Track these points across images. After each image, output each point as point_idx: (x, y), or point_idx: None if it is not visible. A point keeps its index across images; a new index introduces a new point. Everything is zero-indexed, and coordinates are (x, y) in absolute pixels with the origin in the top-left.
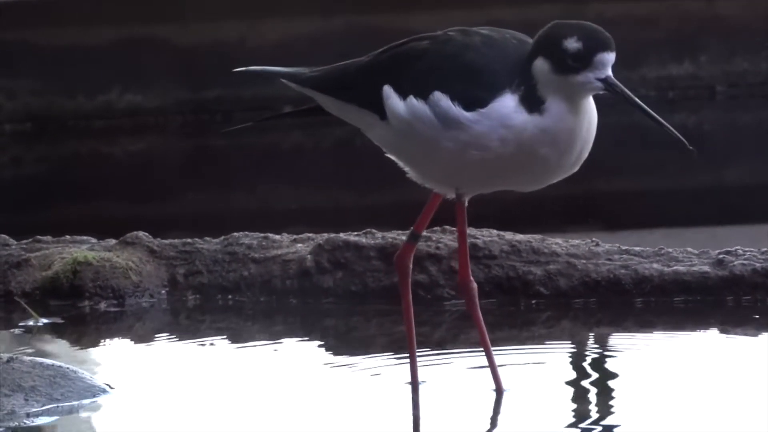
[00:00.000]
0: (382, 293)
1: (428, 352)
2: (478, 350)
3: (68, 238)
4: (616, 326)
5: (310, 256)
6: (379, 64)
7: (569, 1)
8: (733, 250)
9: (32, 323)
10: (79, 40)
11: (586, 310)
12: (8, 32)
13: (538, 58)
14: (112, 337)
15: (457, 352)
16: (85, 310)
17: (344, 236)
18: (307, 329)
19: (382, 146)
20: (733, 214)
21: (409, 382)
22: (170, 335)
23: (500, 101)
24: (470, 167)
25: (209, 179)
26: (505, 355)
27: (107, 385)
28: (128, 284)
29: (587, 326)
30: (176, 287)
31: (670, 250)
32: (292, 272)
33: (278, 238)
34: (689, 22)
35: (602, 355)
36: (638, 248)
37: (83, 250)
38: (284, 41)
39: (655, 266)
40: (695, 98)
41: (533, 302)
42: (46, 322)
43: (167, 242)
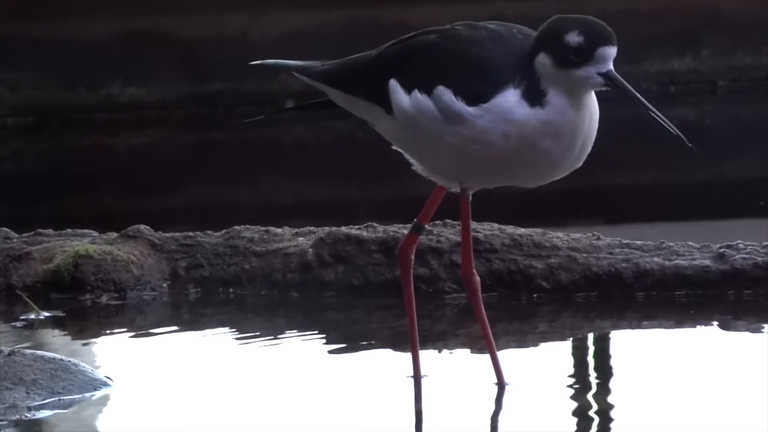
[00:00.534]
0: (383, 287)
1: (430, 345)
2: (479, 344)
3: (70, 231)
4: (617, 320)
5: (311, 249)
6: (385, 57)
7: None
8: (734, 244)
9: (33, 316)
10: (81, 33)
11: (587, 303)
12: (10, 25)
13: (540, 53)
14: (113, 330)
15: (458, 345)
16: (86, 303)
17: (346, 230)
18: (308, 323)
19: (388, 139)
20: (734, 208)
21: (410, 375)
22: (171, 328)
23: (503, 96)
24: (473, 162)
25: (211, 173)
26: (506, 348)
27: (108, 378)
28: (130, 277)
29: (588, 320)
30: (178, 280)
31: (671, 244)
32: (293, 266)
33: (280, 231)
34: (691, 16)
35: (603, 349)
36: (639, 242)
37: (85, 243)
38: (287, 34)
39: (656, 260)
40: (697, 93)
41: (534, 296)
42: (47, 315)
43: (169, 235)
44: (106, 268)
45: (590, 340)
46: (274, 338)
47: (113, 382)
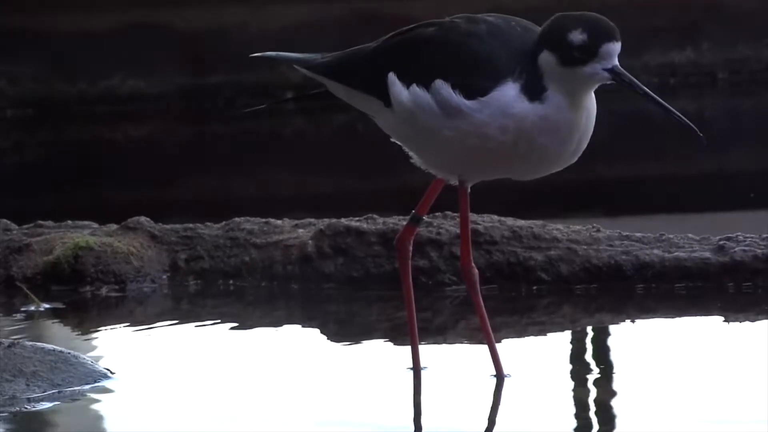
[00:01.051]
0: (383, 279)
1: (429, 337)
2: (479, 336)
3: (70, 223)
4: (616, 312)
5: (311, 241)
6: (384, 50)
7: None
8: (733, 236)
9: (33, 308)
10: (81, 25)
11: (587, 295)
12: (11, 18)
13: (543, 51)
14: (113, 322)
15: (458, 337)
16: (86, 295)
17: (345, 222)
18: (308, 314)
19: (387, 132)
20: (733, 200)
21: (410, 367)
22: (171, 320)
23: (501, 90)
24: (471, 155)
25: (211, 165)
26: (505, 340)
27: (108, 370)
28: (129, 269)
29: (588, 312)
30: (177, 272)
31: (671, 236)
32: (293, 257)
33: (279, 223)
34: (691, 9)
35: (603, 341)
36: (639, 234)
37: (85, 235)
38: (286, 27)
39: (656, 252)
40: (697, 85)
41: (534, 288)
42: (47, 307)
43: (169, 227)
44: (106, 259)
45: (590, 332)
46: (273, 330)
47: (113, 374)
